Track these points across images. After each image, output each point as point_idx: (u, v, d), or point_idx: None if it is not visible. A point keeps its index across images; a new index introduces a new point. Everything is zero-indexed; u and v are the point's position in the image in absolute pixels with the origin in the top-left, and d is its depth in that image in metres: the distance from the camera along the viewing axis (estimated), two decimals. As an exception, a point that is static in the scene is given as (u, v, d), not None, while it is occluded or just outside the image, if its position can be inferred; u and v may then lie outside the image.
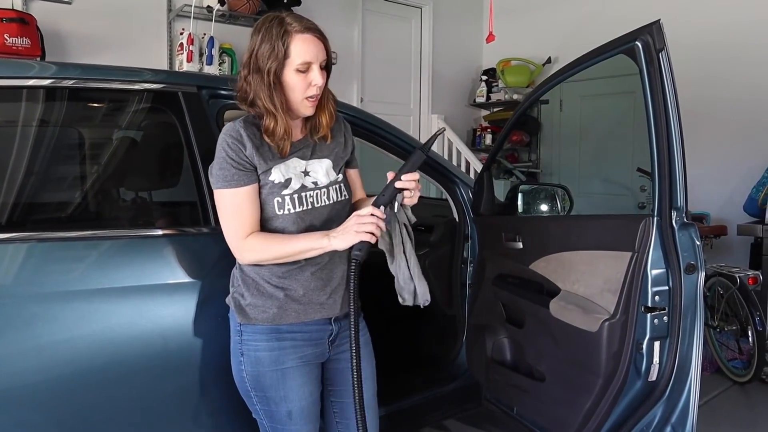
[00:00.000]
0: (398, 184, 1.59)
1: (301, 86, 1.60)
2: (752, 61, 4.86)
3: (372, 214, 1.55)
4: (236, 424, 1.90)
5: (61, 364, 1.67)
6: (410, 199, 1.63)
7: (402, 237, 1.73)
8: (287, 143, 1.64)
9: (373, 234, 1.54)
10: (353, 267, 1.56)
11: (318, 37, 1.60)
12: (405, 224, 1.73)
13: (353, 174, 1.85)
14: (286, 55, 1.57)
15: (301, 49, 1.58)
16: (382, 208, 1.58)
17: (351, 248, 1.57)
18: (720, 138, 4.99)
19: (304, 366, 1.70)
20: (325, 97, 1.69)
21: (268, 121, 1.61)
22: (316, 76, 1.60)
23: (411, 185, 1.60)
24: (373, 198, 1.65)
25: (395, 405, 2.46)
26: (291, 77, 1.59)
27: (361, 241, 1.55)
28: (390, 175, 1.61)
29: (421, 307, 1.79)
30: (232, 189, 1.60)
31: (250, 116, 1.66)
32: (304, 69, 1.59)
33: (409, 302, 1.78)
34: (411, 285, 1.75)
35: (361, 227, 1.54)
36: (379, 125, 2.47)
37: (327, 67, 1.65)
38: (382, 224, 1.56)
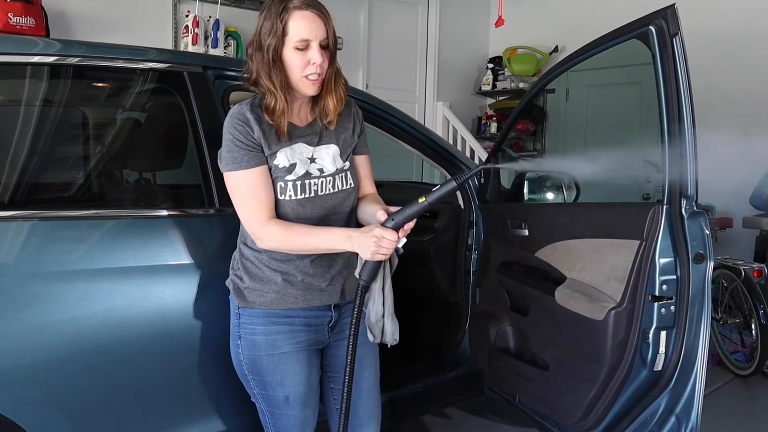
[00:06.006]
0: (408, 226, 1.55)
1: (300, 64, 1.56)
2: (762, 51, 4.81)
3: (393, 240, 1.52)
4: (237, 406, 1.90)
5: (63, 344, 1.66)
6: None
7: (384, 272, 1.65)
8: (284, 121, 1.60)
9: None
10: (359, 293, 1.59)
11: (318, 15, 1.56)
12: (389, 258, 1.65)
13: (362, 161, 1.78)
14: (284, 33, 1.54)
15: (299, 26, 1.53)
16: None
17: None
18: (727, 129, 4.95)
19: (302, 352, 1.69)
20: (332, 80, 1.63)
21: (269, 98, 1.58)
22: (315, 55, 1.55)
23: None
24: (389, 209, 1.60)
25: (396, 392, 2.45)
26: (290, 55, 1.55)
27: (374, 262, 1.56)
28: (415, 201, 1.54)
29: (388, 346, 1.72)
30: (243, 170, 1.57)
31: (256, 99, 1.63)
32: (303, 47, 1.54)
33: (377, 340, 1.70)
34: (381, 323, 1.67)
35: (385, 250, 1.51)
36: (392, 113, 2.44)
37: (330, 48, 1.59)
38: (396, 243, 1.55)
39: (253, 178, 1.58)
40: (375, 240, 1.50)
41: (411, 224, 1.56)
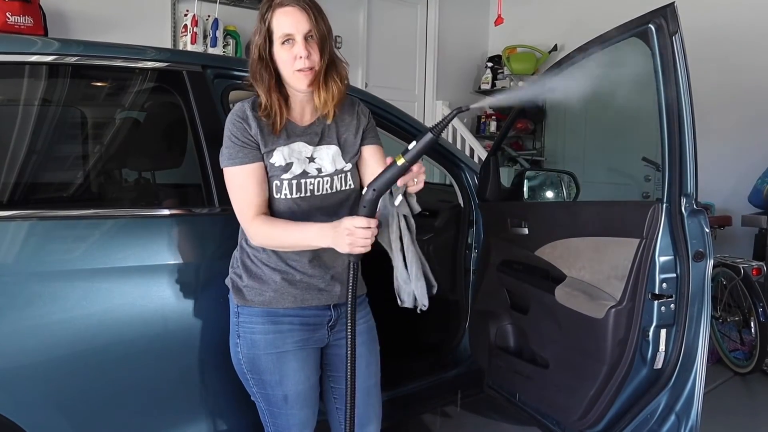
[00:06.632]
0: (400, 181, 1.46)
1: (287, 59, 1.57)
2: (762, 49, 4.81)
3: (366, 228, 1.45)
4: (236, 405, 1.89)
5: (62, 344, 1.66)
6: (415, 186, 1.52)
7: (400, 231, 1.59)
8: (278, 119, 1.61)
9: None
10: (351, 272, 1.53)
11: (299, 8, 1.56)
12: (405, 215, 1.59)
13: (373, 150, 1.73)
14: (269, 31, 1.57)
15: (280, 21, 1.56)
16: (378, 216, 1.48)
17: None
18: (726, 128, 4.95)
19: (301, 350, 1.68)
20: (321, 73, 1.59)
21: (261, 96, 1.60)
22: (299, 48, 1.55)
23: (414, 175, 1.48)
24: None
25: (397, 391, 2.45)
26: (278, 52, 1.58)
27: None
28: (389, 160, 1.47)
29: (418, 311, 1.63)
30: (237, 167, 1.59)
31: (258, 98, 1.64)
32: (287, 41, 1.56)
33: (408, 304, 1.62)
34: (410, 286, 1.60)
35: (354, 246, 1.46)
36: (391, 112, 2.43)
37: (317, 39, 1.57)
38: (375, 231, 1.48)
39: (246, 174, 1.59)
40: (348, 233, 1.46)
41: (418, 170, 1.47)
